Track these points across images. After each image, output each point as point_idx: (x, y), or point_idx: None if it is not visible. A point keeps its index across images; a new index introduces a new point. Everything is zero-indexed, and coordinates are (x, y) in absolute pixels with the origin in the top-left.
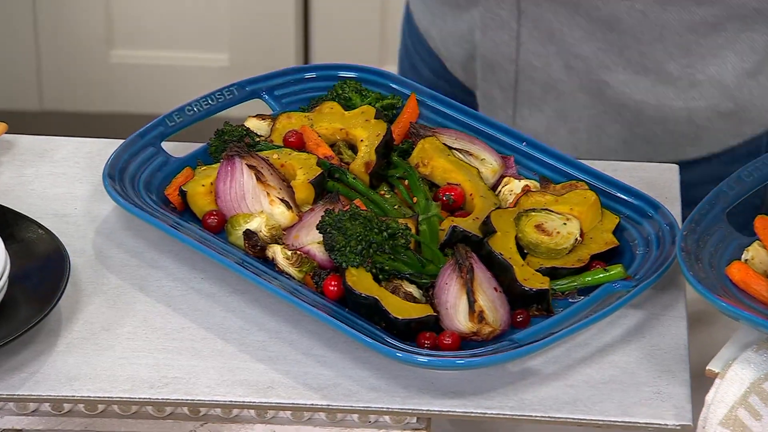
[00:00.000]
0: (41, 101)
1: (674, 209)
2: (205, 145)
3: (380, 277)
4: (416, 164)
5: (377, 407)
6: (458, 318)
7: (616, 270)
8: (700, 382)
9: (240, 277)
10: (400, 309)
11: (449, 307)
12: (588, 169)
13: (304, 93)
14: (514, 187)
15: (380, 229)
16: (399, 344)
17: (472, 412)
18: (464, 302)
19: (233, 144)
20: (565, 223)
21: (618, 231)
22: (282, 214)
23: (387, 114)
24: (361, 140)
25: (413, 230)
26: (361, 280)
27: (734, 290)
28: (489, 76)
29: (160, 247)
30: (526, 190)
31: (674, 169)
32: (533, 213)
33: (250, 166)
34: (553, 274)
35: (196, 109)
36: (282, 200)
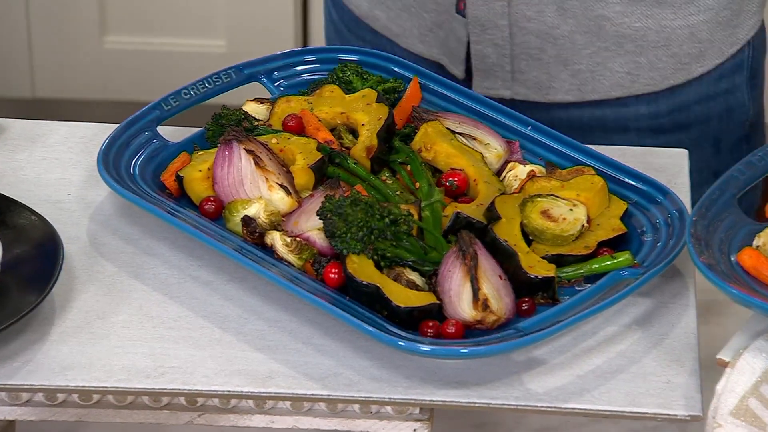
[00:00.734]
0: (33, 88)
1: (683, 195)
2: (202, 130)
3: (382, 264)
4: (419, 149)
5: (379, 397)
6: (462, 306)
7: (624, 257)
8: (710, 372)
9: (238, 265)
10: (402, 297)
11: (453, 295)
12: (595, 153)
13: (303, 76)
14: (519, 172)
15: (382, 215)
16: (401, 333)
17: (476, 403)
18: (468, 290)
19: (231, 128)
20: (571, 209)
21: (626, 217)
22: (281, 200)
23: (389, 98)
24: (362, 124)
25: (416, 216)
26: (362, 268)
27: (745, 277)
28: (481, 35)
29: (157, 233)
30: (531, 176)
31: (683, 154)
32: (539, 199)
33: (249, 151)
34: (559, 261)
35: (192, 92)
36: (281, 186)
